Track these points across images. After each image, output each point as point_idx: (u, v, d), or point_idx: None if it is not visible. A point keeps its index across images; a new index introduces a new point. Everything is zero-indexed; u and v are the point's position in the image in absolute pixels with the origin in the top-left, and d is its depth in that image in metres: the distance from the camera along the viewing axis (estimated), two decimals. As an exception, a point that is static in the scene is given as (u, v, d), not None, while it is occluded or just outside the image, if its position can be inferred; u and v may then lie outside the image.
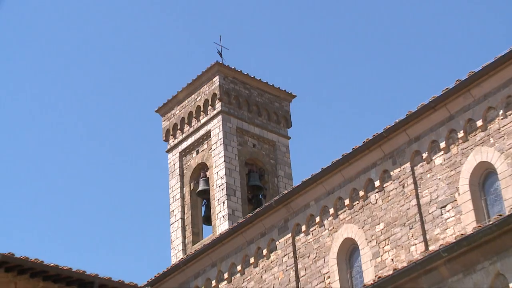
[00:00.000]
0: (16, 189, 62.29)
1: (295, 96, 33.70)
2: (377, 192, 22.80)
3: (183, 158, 32.06)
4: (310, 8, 62.93)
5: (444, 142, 21.46)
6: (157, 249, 58.17)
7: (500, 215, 16.79)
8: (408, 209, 21.89)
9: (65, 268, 19.80)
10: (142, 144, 63.40)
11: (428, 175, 21.71)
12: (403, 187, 22.18)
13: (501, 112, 20.42)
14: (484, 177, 20.77)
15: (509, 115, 20.24)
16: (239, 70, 32.24)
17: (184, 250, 30.16)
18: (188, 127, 32.20)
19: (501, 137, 20.30)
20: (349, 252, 23.46)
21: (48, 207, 62.10)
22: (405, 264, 18.57)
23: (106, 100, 64.96)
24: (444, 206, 21.11)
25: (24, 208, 62.22)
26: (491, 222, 16.71)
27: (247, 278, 25.76)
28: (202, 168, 31.17)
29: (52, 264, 19.64)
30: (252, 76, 32.52)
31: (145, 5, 65.40)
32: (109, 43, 65.66)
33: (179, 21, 64.77)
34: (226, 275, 26.35)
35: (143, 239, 61.09)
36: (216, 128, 30.97)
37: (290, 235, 24.78)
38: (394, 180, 22.44)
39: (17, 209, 62.21)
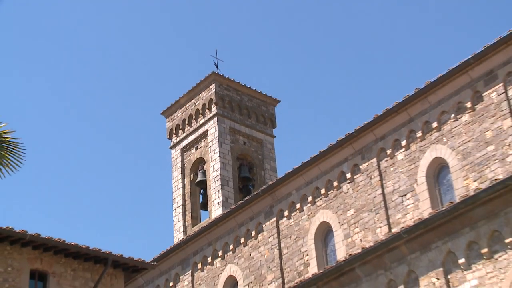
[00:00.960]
0: (46, 181, 62.31)
1: (280, 101, 33.68)
2: (349, 182, 22.75)
3: (184, 153, 32.02)
4: (293, 28, 63.21)
5: (405, 140, 21.42)
6: (162, 231, 58.22)
7: (452, 203, 16.82)
8: (374, 197, 21.86)
9: (84, 246, 19.84)
10: (149, 141, 63.36)
11: (392, 169, 21.68)
12: (370, 178, 22.15)
13: (452, 115, 20.42)
14: (438, 170, 20.75)
15: (459, 118, 20.23)
16: (232, 79, 32.16)
17: (185, 231, 30.10)
18: (189, 127, 32.17)
19: (452, 136, 20.31)
20: (324, 234, 23.40)
21: (72, 196, 62.19)
22: (371, 244, 18.57)
23: (120, 105, 65.04)
24: (405, 195, 21.08)
25: (50, 196, 62.26)
26: (444, 208, 16.75)
27: (238, 256, 25.72)
28: (200, 162, 31.11)
29: (72, 243, 19.68)
30: (243, 84, 32.46)
31: (156, 25, 65.52)
32: (125, 57, 65.68)
33: (182, 38, 64.83)
34: (220, 253, 26.30)
35: (150, 222, 61.11)
36: (212, 128, 30.95)
37: (274, 219, 24.72)
38: (362, 173, 22.41)
39: (45, 197, 62.27)
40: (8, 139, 12.35)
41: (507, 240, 15.70)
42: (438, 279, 16.71)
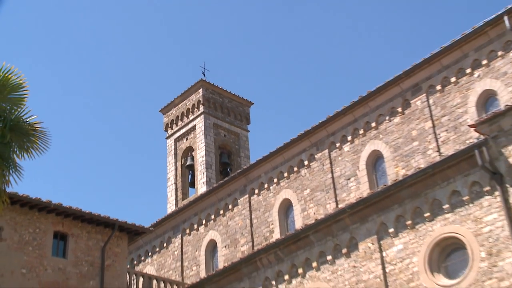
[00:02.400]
0: (68, 163, 61.81)
1: (253, 103, 33.57)
2: (306, 168, 22.92)
3: (177, 143, 31.96)
4: (266, 45, 63.38)
5: (350, 136, 21.64)
6: (158, 203, 58.09)
7: (385, 185, 16.99)
8: (325, 180, 22.05)
9: (96, 214, 19.87)
10: (149, 133, 63.28)
11: (340, 158, 21.88)
12: (323, 165, 22.32)
13: (387, 118, 20.67)
14: (375, 160, 20.99)
15: (392, 120, 20.49)
16: (216, 85, 32.05)
17: (176, 204, 30.05)
18: (181, 122, 32.09)
19: (387, 134, 20.57)
20: (286, 208, 23.55)
21: (88, 175, 61.86)
22: (323, 216, 18.63)
23: (127, 104, 64.83)
24: (349, 179, 21.30)
25: (72, 174, 61.84)
26: (378, 190, 16.89)
27: (218, 224, 25.77)
28: (190, 150, 31.05)
29: (87, 211, 19.69)
30: (225, 89, 32.41)
31: (158, 42, 65.30)
32: (132, 65, 65.32)
33: (178, 53, 64.85)
34: (204, 221, 26.33)
35: (149, 196, 60.98)
36: (199, 123, 30.92)
37: (247, 195, 24.82)
38: (317, 161, 22.57)
39: (67, 174, 61.81)
40: (38, 128, 12.38)
41: (426, 215, 16.00)
42: (373, 244, 16.90)
